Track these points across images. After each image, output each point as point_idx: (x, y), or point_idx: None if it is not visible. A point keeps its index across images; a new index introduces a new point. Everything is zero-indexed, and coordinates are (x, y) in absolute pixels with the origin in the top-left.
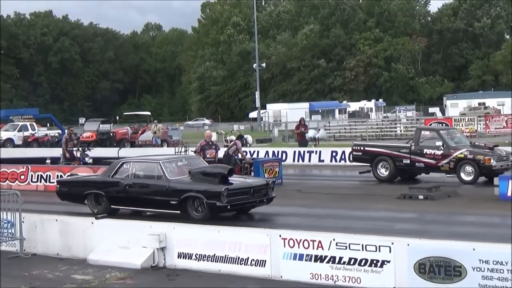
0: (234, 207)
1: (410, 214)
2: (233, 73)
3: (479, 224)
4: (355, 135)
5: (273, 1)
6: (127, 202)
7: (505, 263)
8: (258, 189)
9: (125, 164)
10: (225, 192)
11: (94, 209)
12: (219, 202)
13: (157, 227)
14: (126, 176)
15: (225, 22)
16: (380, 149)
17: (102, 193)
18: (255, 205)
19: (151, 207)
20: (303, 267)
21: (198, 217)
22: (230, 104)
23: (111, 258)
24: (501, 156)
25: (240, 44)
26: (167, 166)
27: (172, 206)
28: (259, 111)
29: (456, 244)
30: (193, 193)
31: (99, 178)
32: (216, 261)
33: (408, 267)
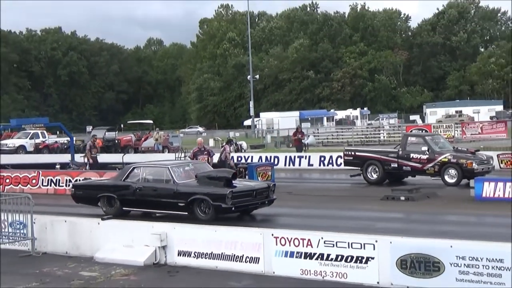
0: (238, 209)
1: (393, 214)
2: (229, 84)
3: (456, 223)
4: (341, 141)
5: (265, 18)
6: (137, 204)
7: (480, 259)
8: (260, 192)
9: (136, 169)
10: (229, 195)
11: (107, 211)
12: (224, 204)
13: (159, 227)
14: (137, 180)
15: (222, 37)
16: (370, 154)
17: (114, 196)
18: (258, 207)
19: (160, 208)
20: (294, 264)
21: (204, 218)
22: (226, 113)
23: (116, 256)
24: (482, 160)
25: (235, 57)
26: (175, 170)
27: (180, 208)
28: (253, 119)
29: (435, 242)
30: (199, 195)
31: (111, 182)
32: (213, 258)
33: (390, 263)
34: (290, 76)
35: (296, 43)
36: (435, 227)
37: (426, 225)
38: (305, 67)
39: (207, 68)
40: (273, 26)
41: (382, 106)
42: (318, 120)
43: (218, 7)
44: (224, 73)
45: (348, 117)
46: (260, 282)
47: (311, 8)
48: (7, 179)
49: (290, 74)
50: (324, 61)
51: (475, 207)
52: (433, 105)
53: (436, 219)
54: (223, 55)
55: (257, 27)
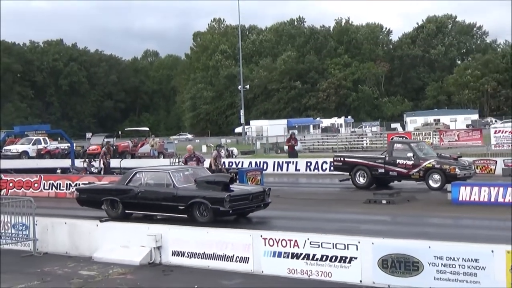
0: (235, 212)
1: (375, 216)
2: (220, 93)
3: (434, 225)
4: (327, 147)
5: (256, 31)
6: (139, 207)
7: (457, 259)
8: (256, 196)
9: (138, 174)
10: (227, 198)
11: (111, 214)
12: (222, 207)
13: (154, 229)
14: (139, 184)
15: (214, 49)
16: (358, 159)
17: (117, 199)
18: (254, 210)
19: (161, 211)
20: (281, 263)
21: (203, 220)
22: (218, 121)
23: (113, 256)
24: (464, 165)
25: (227, 68)
26: (175, 175)
27: (180, 211)
28: (244, 127)
29: (414, 243)
30: (199, 199)
31: (114, 186)
32: (205, 258)
33: (372, 262)
34: (278, 86)
35: (284, 55)
36: (415, 229)
37: (406, 227)
38: (293, 78)
39: (200, 78)
40: (262, 39)
41: (365, 115)
42: (305, 127)
43: (211, 21)
44: (216, 83)
45: (333, 125)
46: (250, 281)
47: (298, 22)
48: (10, 183)
49: (279, 84)
50: (311, 72)
51: (452, 210)
52: (413, 114)
53: (415, 221)
54: (216, 66)
55: (247, 39)
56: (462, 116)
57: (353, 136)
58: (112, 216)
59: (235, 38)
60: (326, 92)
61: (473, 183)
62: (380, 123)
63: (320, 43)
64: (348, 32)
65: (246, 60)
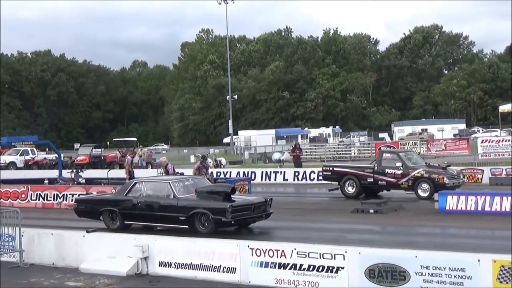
0: (237, 222)
1: (362, 226)
2: (209, 104)
3: (421, 234)
4: (315, 157)
5: (244, 41)
6: (139, 218)
7: (443, 268)
8: (258, 206)
9: (137, 184)
10: (229, 209)
11: (109, 225)
12: (224, 218)
13: (141, 239)
14: (139, 195)
15: (202, 59)
16: (347, 169)
17: (116, 210)
18: (256, 220)
19: (161, 222)
20: (269, 273)
21: (204, 231)
22: (207, 131)
23: (100, 267)
24: (453, 174)
25: (215, 78)
26: (176, 185)
27: (181, 222)
28: (232, 137)
29: (401, 252)
30: (200, 209)
31: (113, 197)
32: (192, 269)
33: (359, 272)
34: (266, 97)
35: (272, 65)
36: (402, 238)
37: (393, 236)
38: (281, 88)
39: (189, 88)
40: (251, 49)
41: (353, 125)
42: (293, 137)
43: (199, 31)
44: (205, 94)
45: (321, 134)
46: None
47: (286, 32)
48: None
49: (267, 94)
50: (299, 82)
51: (439, 219)
52: (400, 123)
53: (402, 230)
54: (204, 76)
55: (236, 50)
56: (449, 126)
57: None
58: (111, 227)
59: (223, 48)
60: (314, 102)
61: (460, 192)
62: (368, 132)
63: (308, 53)
64: (336, 42)
65: (235, 71)
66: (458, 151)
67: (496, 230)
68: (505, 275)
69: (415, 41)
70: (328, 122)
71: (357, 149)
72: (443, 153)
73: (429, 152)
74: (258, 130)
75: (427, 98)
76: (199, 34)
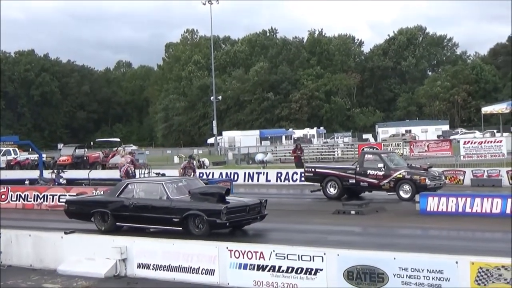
0: (232, 224)
1: (343, 227)
2: (193, 104)
3: (402, 236)
4: None
5: (229, 42)
6: (131, 220)
7: (422, 270)
8: (253, 207)
9: (130, 185)
10: (224, 210)
11: (101, 227)
12: (219, 220)
13: (119, 241)
14: (131, 196)
15: (186, 60)
16: (329, 170)
17: (108, 211)
18: (250, 222)
19: (154, 224)
20: (247, 275)
21: (198, 233)
22: (191, 132)
23: (78, 269)
24: (434, 176)
25: (200, 79)
26: (169, 186)
27: (174, 223)
28: (216, 138)
29: (380, 254)
30: (194, 211)
31: (105, 198)
32: (171, 271)
33: (338, 274)
34: (251, 97)
35: (257, 66)
36: (382, 240)
37: (374, 238)
38: (265, 89)
39: (173, 89)
40: (236, 50)
41: (338, 126)
42: (277, 138)
43: (184, 31)
44: (189, 94)
45: (306, 135)
46: None
47: (270, 33)
48: None
49: (251, 95)
50: (283, 83)
51: (419, 220)
52: (384, 124)
53: (383, 232)
54: (188, 77)
55: (221, 50)
56: (433, 127)
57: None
58: (103, 229)
59: (208, 49)
60: (298, 103)
61: (441, 194)
62: (352, 134)
63: (293, 54)
64: (321, 44)
65: (219, 71)
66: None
67: (477, 232)
68: (483, 277)
69: (399, 43)
70: (312, 123)
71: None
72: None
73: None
74: (243, 131)
75: (411, 99)
76: (183, 35)
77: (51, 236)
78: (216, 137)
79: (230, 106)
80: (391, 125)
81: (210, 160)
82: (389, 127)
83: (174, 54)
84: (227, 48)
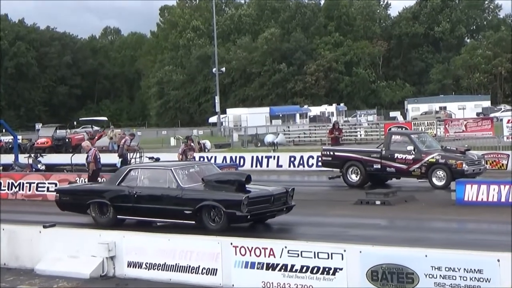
0: (254, 217)
1: (366, 219)
2: (192, 77)
3: (434, 230)
4: (315, 139)
5: (234, 5)
6: (135, 212)
7: (458, 269)
8: (278, 197)
9: (133, 171)
10: (245, 201)
11: (99, 220)
12: (239, 212)
13: (106, 236)
14: (134, 184)
15: (185, 26)
16: (350, 153)
17: (107, 202)
18: (275, 215)
19: (162, 217)
20: (255, 275)
21: (214, 228)
22: (190, 109)
23: (59, 268)
24: (473, 160)
25: (200, 48)
26: (179, 173)
27: (186, 216)
28: (219, 116)
29: (409, 251)
30: (209, 202)
31: (104, 187)
32: (166, 270)
33: (360, 274)
34: (260, 69)
35: (266, 33)
36: (412, 234)
37: (402, 232)
38: (276, 59)
39: (169, 60)
40: (241, 14)
41: (360, 102)
42: (290, 117)
43: None
44: (188, 66)
45: (323, 113)
46: None
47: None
48: None
49: (260, 67)
50: (297, 53)
51: (455, 212)
52: (415, 100)
53: (413, 225)
54: (187, 45)
55: (224, 14)
56: (471, 103)
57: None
58: (101, 223)
59: (209, 12)
60: (314, 76)
61: (481, 181)
62: (377, 111)
63: (308, 19)
64: (339, 7)
65: (223, 39)
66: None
67: None
68: None
69: (432, 5)
70: (331, 99)
71: (364, 131)
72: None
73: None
74: (250, 108)
75: (446, 71)
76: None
77: (28, 230)
78: (219, 116)
79: (235, 79)
80: (423, 101)
81: (212, 142)
82: (420, 103)
83: (170, 19)
84: (231, 12)
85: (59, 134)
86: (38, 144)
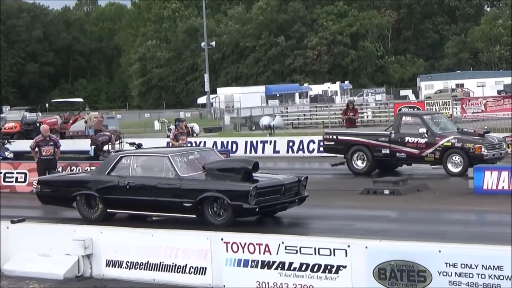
0: (263, 209)
1: (373, 211)
2: (179, 53)
3: (450, 222)
4: (316, 122)
5: None
6: (127, 205)
7: (475, 266)
8: (290, 187)
9: (124, 159)
10: (253, 191)
11: (87, 214)
12: (246, 204)
13: (82, 231)
14: (126, 174)
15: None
16: (355, 137)
17: (95, 194)
18: (287, 207)
19: (158, 210)
20: (249, 275)
21: (218, 222)
22: (176, 89)
23: (29, 268)
24: (493, 143)
25: (186, 20)
26: (177, 160)
27: (185, 209)
28: (209, 96)
29: (420, 246)
30: (212, 193)
31: (91, 177)
32: (150, 269)
33: (366, 272)
34: (254, 43)
35: (261, 2)
36: (424, 227)
37: (413, 225)
38: (273, 32)
39: (152, 33)
40: None
41: (367, 79)
42: (289, 96)
43: None
44: (173, 40)
45: (326, 92)
46: None
47: None
48: None
49: (255, 40)
50: (296, 25)
51: (473, 202)
52: (428, 77)
53: (425, 217)
54: (172, 17)
55: None
56: (492, 80)
57: None
58: (89, 218)
59: None
60: (316, 50)
61: (501, 167)
62: (386, 90)
63: None
64: None
65: (212, 10)
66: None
67: None
68: None
69: None
70: (335, 76)
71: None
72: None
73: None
74: (243, 87)
75: (463, 44)
76: None
77: None
78: (209, 96)
79: (227, 55)
80: (437, 78)
81: (201, 125)
82: (434, 80)
83: None
84: None
85: (29, 118)
86: (6, 129)
